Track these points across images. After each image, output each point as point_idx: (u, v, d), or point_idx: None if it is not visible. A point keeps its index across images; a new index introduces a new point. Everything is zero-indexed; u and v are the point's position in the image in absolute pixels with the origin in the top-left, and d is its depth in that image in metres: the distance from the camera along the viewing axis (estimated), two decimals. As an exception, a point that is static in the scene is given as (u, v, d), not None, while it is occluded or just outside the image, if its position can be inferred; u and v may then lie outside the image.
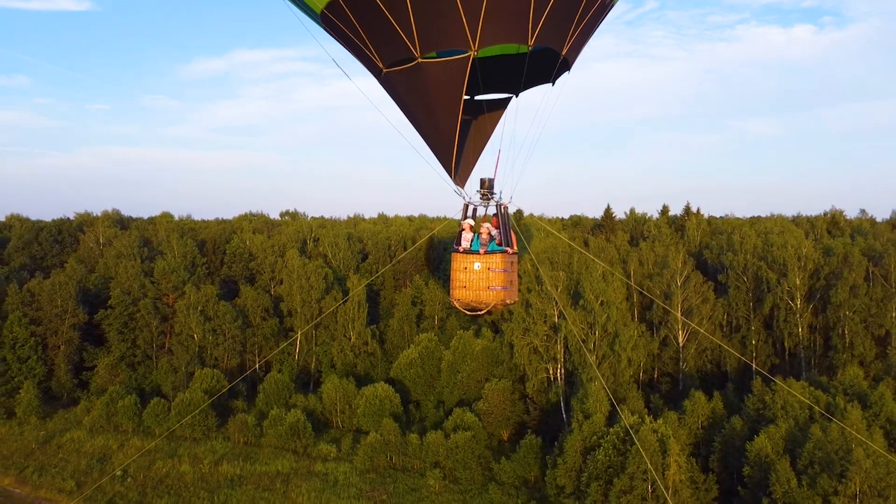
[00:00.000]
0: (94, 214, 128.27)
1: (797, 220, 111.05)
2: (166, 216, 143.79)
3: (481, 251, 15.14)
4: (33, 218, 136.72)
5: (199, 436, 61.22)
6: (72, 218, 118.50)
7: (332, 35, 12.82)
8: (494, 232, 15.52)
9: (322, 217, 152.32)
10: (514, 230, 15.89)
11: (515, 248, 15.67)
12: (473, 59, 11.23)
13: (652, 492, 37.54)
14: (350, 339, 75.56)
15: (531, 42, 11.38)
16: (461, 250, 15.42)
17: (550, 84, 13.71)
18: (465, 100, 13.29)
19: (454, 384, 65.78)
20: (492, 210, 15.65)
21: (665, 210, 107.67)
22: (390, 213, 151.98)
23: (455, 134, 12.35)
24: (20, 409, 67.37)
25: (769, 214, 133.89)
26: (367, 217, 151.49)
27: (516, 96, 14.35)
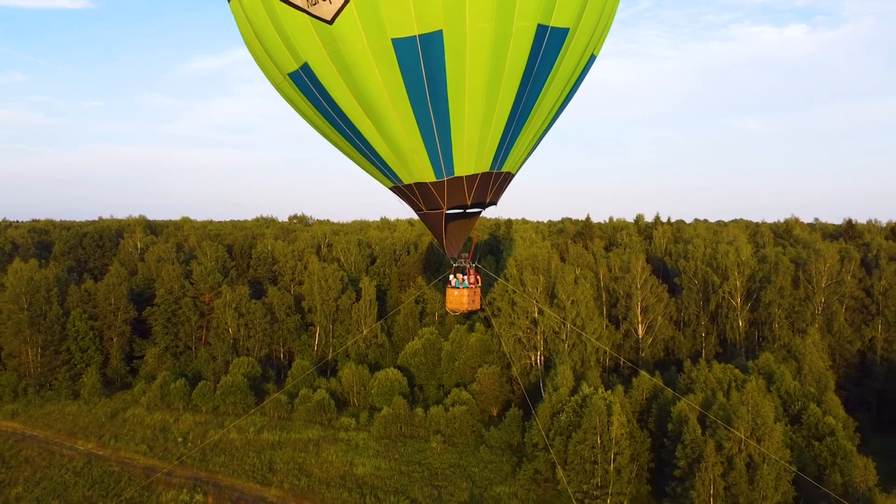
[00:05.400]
0: (116, 216, 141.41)
1: (760, 227, 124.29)
2: (187, 220, 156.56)
3: (459, 287, 31.56)
4: (35, 215, 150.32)
5: (240, 412, 73.79)
6: (91, 219, 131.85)
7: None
8: (463, 277, 31.47)
9: (329, 221, 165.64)
10: (479, 275, 32.19)
11: (479, 283, 31.99)
12: (448, 209, 27.02)
13: (600, 443, 50.29)
14: (362, 333, 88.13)
15: (469, 202, 26.76)
16: (450, 286, 31.70)
17: (495, 205, 27.70)
18: (457, 212, 27.04)
19: (452, 370, 78.43)
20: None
21: (639, 218, 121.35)
22: (391, 216, 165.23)
23: (442, 238, 28.09)
24: (85, 391, 79.99)
25: (738, 219, 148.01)
26: (370, 220, 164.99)
27: (483, 209, 27.90)
